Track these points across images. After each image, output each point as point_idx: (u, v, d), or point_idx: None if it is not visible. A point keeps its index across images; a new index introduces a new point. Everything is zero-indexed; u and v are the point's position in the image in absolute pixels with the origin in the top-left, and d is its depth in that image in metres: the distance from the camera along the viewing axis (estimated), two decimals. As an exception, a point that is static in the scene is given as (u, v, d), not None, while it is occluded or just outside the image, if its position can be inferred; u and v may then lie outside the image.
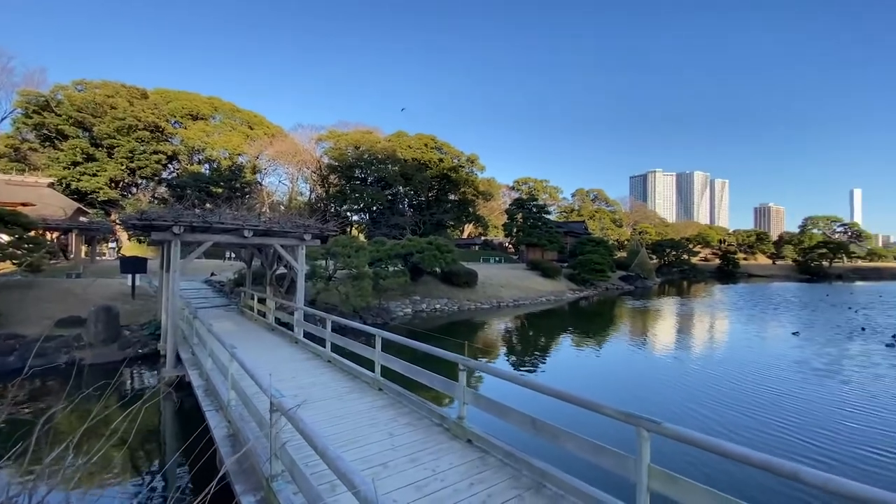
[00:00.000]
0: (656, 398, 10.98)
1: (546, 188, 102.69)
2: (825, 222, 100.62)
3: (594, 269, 44.64)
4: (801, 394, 11.27)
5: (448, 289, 30.30)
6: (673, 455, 7.24)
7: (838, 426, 9.00)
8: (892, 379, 12.53)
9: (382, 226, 54.84)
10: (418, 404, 6.52)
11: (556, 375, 13.70)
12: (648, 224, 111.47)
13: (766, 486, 6.33)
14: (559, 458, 4.91)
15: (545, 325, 24.63)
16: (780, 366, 14.33)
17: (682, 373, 13.56)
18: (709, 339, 20.54)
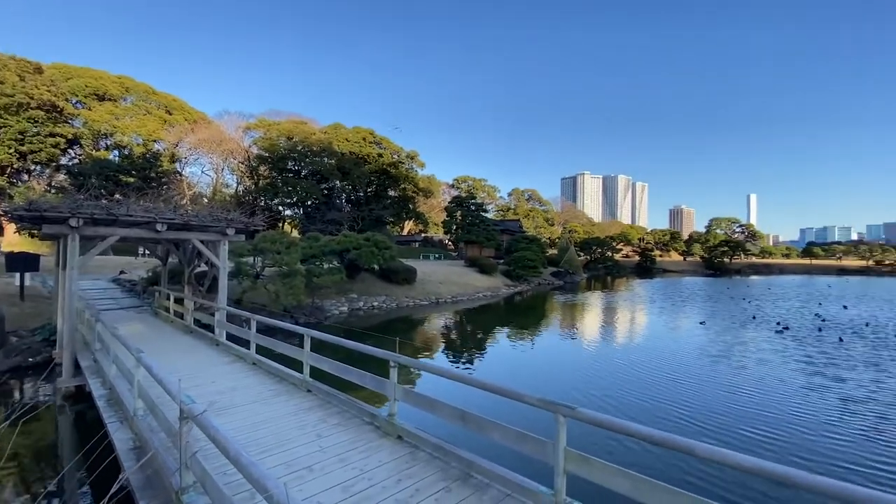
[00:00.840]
0: (580, 385, 11.67)
1: (484, 187, 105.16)
2: (727, 223, 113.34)
3: (528, 266, 46.50)
4: (702, 378, 12.55)
5: (386, 286, 29.97)
6: (596, 437, 7.76)
7: (729, 406, 10.14)
8: (775, 364, 14.33)
9: (318, 221, 52.87)
10: (348, 404, 6.38)
11: (489, 368, 14.10)
12: (577, 223, 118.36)
13: (669, 462, 6.98)
14: (486, 448, 5.06)
15: (481, 320, 25.23)
16: (687, 353, 15.89)
17: (603, 361, 14.55)
18: (627, 330, 22.21)
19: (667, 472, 6.71)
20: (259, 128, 58.59)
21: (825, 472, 6.94)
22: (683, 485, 6.17)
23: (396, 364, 5.45)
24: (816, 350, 15.89)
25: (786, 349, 16.32)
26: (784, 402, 10.26)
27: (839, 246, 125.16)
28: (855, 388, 11.17)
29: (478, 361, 15.03)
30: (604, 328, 22.31)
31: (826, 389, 11.10)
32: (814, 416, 9.27)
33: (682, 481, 6.39)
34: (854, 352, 15.68)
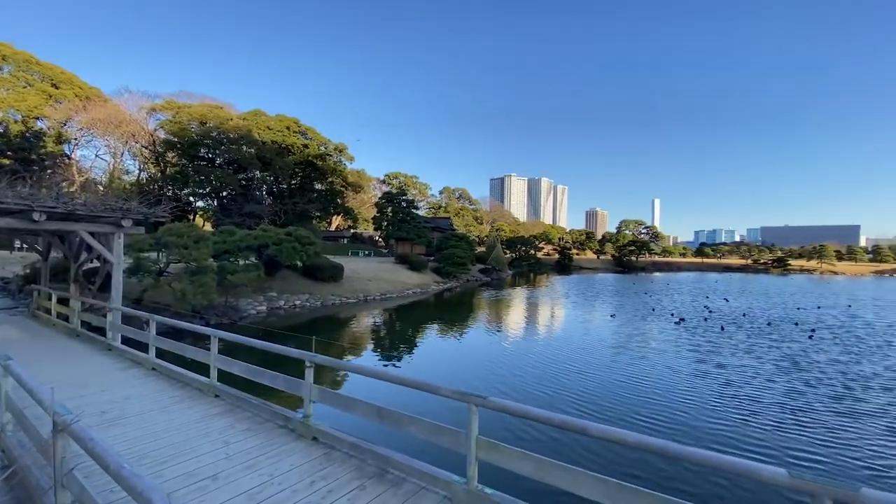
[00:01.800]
0: (498, 377, 12.15)
1: (416, 184, 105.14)
2: (634, 225, 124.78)
3: (457, 263, 47.42)
4: (608, 367, 13.69)
5: (310, 284, 28.79)
6: (510, 425, 8.15)
7: (628, 393, 11.19)
8: (670, 353, 16.07)
9: (234, 214, 49.17)
10: (260, 408, 6.06)
11: (414, 364, 14.16)
12: (504, 222, 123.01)
13: (572, 443, 7.56)
14: (405, 443, 5.10)
15: (410, 317, 25.25)
16: (598, 344, 17.30)
17: (522, 354, 15.28)
18: (547, 323, 23.58)
19: (567, 452, 7.27)
20: (167, 110, 52.86)
21: (703, 447, 7.97)
22: (582, 462, 6.79)
23: (312, 364, 5.29)
24: (704, 339, 18.08)
25: (679, 338, 18.40)
26: (674, 387, 11.50)
27: (725, 246, 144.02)
28: (732, 373, 12.83)
29: (404, 358, 15.04)
30: (525, 322, 23.44)
31: (709, 375, 12.56)
32: (698, 399, 10.51)
33: (580, 459, 6.97)
34: (733, 340, 18.07)
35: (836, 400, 10.29)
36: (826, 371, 12.90)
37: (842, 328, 21.21)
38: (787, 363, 13.81)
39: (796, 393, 10.80)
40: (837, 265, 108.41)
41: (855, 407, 9.77)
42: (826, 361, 14.05)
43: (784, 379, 12.03)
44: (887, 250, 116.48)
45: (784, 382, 11.69)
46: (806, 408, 9.66)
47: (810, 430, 8.44)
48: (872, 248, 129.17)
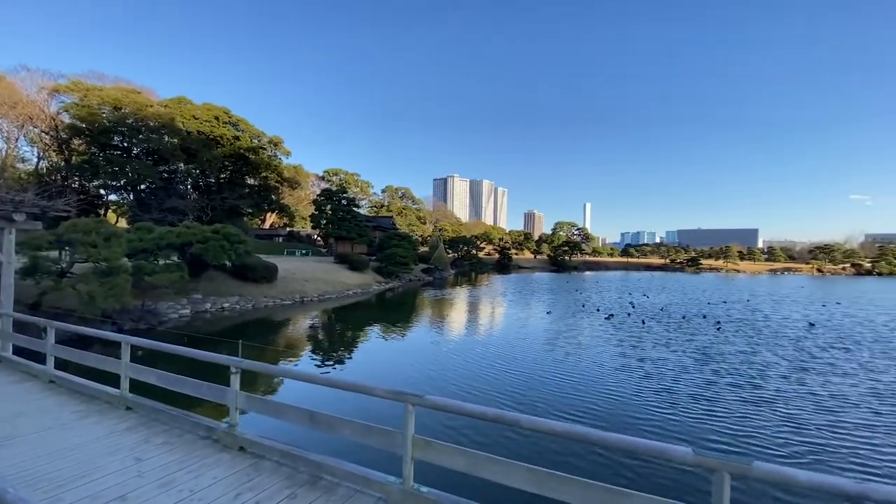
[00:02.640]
0: (437, 375, 12.27)
1: (357, 182, 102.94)
2: (568, 227, 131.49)
3: (399, 263, 47.10)
4: (544, 362, 14.35)
5: (241, 285, 27.14)
6: (449, 423, 8.25)
7: (560, 383, 11.82)
8: (598, 346, 17.20)
9: (154, 209, 45.03)
10: (180, 419, 5.60)
11: (352, 366, 13.86)
12: (447, 222, 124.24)
13: (510, 437, 7.83)
14: (340, 447, 4.97)
15: (350, 318, 24.68)
16: (535, 340, 18.02)
17: (462, 352, 15.54)
18: (487, 321, 24.15)
19: (504, 445, 7.52)
20: (73, 91, 47.05)
21: (625, 433, 8.57)
22: (516, 454, 7.05)
23: (238, 369, 4.98)
24: (627, 334, 19.47)
25: (608, 332, 19.70)
26: (602, 379, 12.26)
27: (647, 247, 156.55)
28: (651, 365, 13.91)
29: (342, 360, 14.66)
30: (466, 321, 23.83)
31: (632, 368, 13.52)
32: (622, 390, 11.30)
33: (516, 451, 7.25)
34: (653, 333, 19.65)
35: (739, 388, 11.54)
36: (730, 361, 14.41)
37: (743, 321, 23.84)
38: (698, 354, 15.24)
39: (705, 382, 11.96)
40: (740, 264, 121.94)
41: (754, 393, 11.02)
42: (732, 352, 15.64)
43: (696, 369, 13.27)
44: (779, 251, 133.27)
45: (696, 372, 12.89)
46: (714, 396, 10.71)
47: (717, 414, 9.38)
48: (767, 249, 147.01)
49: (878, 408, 9.85)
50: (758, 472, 2.34)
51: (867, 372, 12.91)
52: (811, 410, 9.58)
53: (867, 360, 14.64)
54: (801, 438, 8.12)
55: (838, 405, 9.98)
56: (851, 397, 10.60)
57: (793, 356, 14.97)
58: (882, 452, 7.63)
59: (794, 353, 15.63)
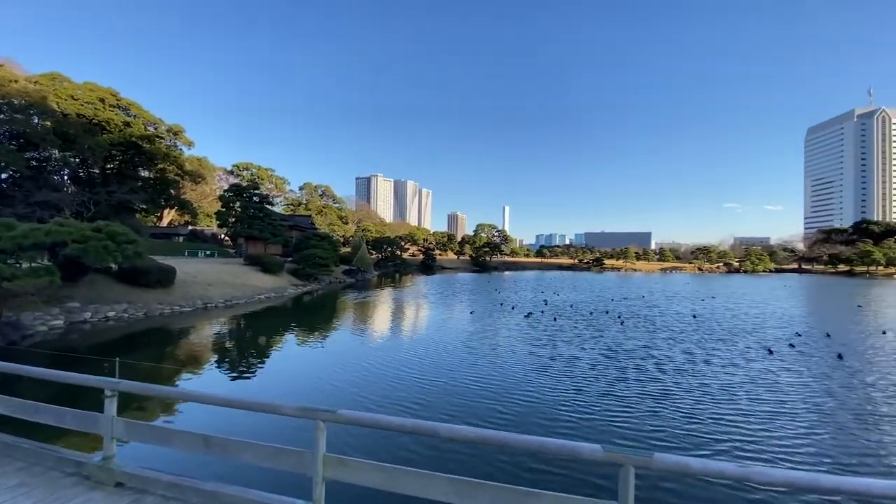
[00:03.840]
0: (359, 385, 11.80)
1: (272, 177, 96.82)
2: (488, 228, 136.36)
3: (318, 264, 45.04)
4: (466, 364, 14.52)
5: (130, 290, 23.91)
6: (365, 439, 7.89)
7: (481, 386, 12.04)
8: (518, 345, 17.86)
9: (19, 203, 38.04)
10: (39, 454, 4.63)
11: (261, 381, 12.77)
12: (370, 222, 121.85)
13: (430, 448, 7.71)
14: (241, 473, 4.44)
15: (261, 325, 22.92)
16: (457, 340, 18.19)
17: (384, 357, 15.13)
18: (411, 324, 23.90)
19: (423, 457, 7.37)
20: None
21: (538, 432, 8.89)
22: (437, 465, 6.96)
23: (115, 392, 4.24)
24: (541, 332, 20.48)
25: (524, 330, 20.56)
26: (517, 381, 12.62)
27: (558, 248, 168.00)
28: (561, 363, 14.72)
29: (249, 374, 13.44)
30: (389, 324, 23.38)
31: (544, 368, 14.07)
32: (537, 391, 11.75)
33: (435, 463, 7.13)
34: (563, 331, 20.84)
35: (642, 382, 12.62)
36: (634, 356, 15.72)
37: (641, 316, 26.41)
38: (605, 350, 16.38)
39: (612, 378, 12.89)
40: (636, 264, 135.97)
41: (655, 387, 12.12)
42: (634, 348, 16.96)
43: (603, 365, 14.21)
44: (668, 252, 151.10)
45: (603, 368, 13.81)
46: (621, 393, 11.55)
47: (624, 410, 10.06)
48: (659, 250, 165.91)
49: (760, 395, 11.35)
50: (658, 463, 2.51)
51: (747, 362, 14.78)
52: (705, 402, 10.62)
53: (744, 349, 16.89)
54: (697, 428, 9.02)
55: (725, 395, 11.25)
56: (735, 387, 12.10)
57: (684, 349, 16.72)
58: (760, 437, 8.79)
59: (686, 345, 17.49)
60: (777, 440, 8.40)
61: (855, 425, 9.23)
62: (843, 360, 14.94)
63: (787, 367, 14.02)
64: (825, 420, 9.54)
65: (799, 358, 15.43)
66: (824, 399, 10.94)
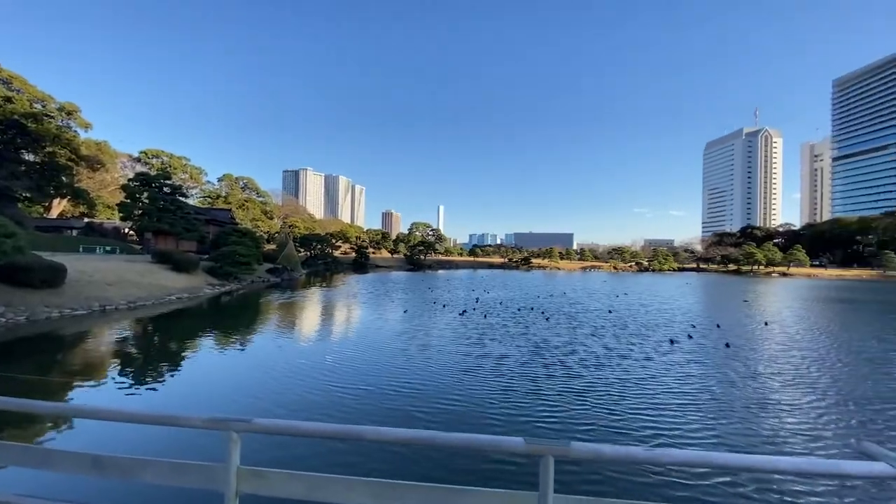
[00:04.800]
0: (281, 391, 11.25)
1: (186, 167, 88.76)
2: (423, 227, 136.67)
3: (239, 262, 42.14)
4: (392, 366, 14.40)
5: (9, 291, 20.59)
6: (290, 449, 7.52)
7: (413, 386, 12.03)
8: (445, 348, 18.08)
9: None
10: None
11: (169, 391, 11.65)
12: (299, 218, 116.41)
13: (356, 453, 7.55)
14: (151, 495, 4.00)
15: (170, 330, 20.90)
16: (390, 340, 17.98)
17: (312, 361, 14.57)
18: (342, 324, 23.16)
19: (349, 463, 7.21)
20: None
21: (468, 431, 9.09)
22: (365, 472, 6.83)
23: None
24: (471, 330, 20.93)
25: (451, 328, 20.90)
26: (448, 382, 12.74)
27: (490, 248, 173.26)
28: (491, 361, 15.17)
29: (155, 384, 12.20)
30: (316, 326, 22.48)
31: (474, 368, 14.36)
32: (468, 389, 12.01)
33: (363, 468, 7.01)
34: (493, 328, 21.50)
35: (566, 377, 13.39)
36: (558, 351, 16.60)
37: (564, 313, 28.06)
38: (532, 346, 17.10)
39: (538, 375, 13.50)
40: (560, 263, 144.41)
41: (579, 381, 12.91)
42: (559, 344, 17.78)
43: (530, 361, 14.81)
44: (588, 252, 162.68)
45: (531, 365, 14.37)
46: (548, 389, 12.16)
47: (551, 405, 10.55)
48: (580, 250, 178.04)
49: (665, 382, 12.55)
50: (575, 451, 2.62)
51: (657, 353, 16.22)
52: (621, 393, 11.50)
53: (654, 342, 18.56)
54: (617, 418, 9.73)
55: (636, 384, 12.29)
56: (646, 377, 13.26)
57: (603, 343, 17.93)
58: (667, 421, 9.72)
59: (604, 340, 18.81)
60: (681, 423, 9.39)
61: (739, 405, 10.59)
62: (729, 349, 17.10)
63: (686, 356, 15.73)
64: (715, 402, 10.85)
65: (695, 347, 17.39)
66: (714, 383, 12.43)
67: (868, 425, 9.44)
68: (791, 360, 15.58)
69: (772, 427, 9.28)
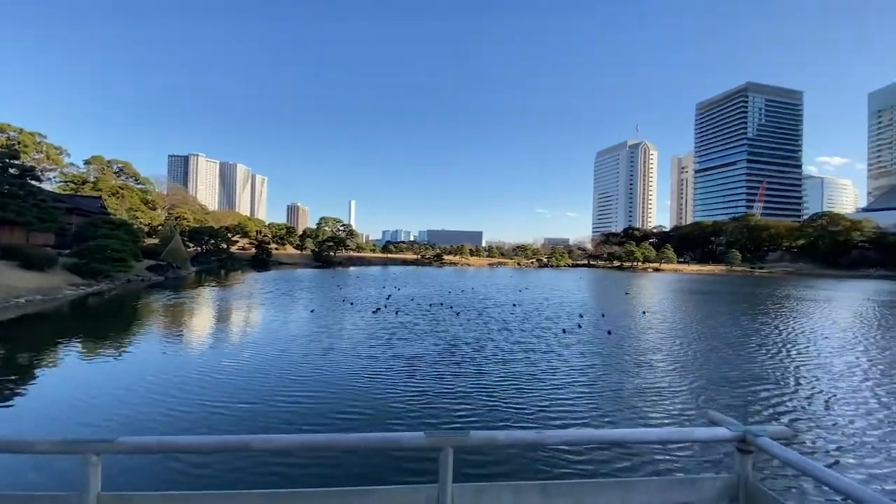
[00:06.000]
0: (156, 409, 9.98)
1: (41, 145, 74.47)
2: (333, 222, 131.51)
3: (111, 258, 36.52)
4: (295, 373, 13.60)
5: None
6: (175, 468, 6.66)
7: (311, 402, 11.49)
8: (352, 349, 17.56)
9: None
10: None
11: (10, 414, 9.63)
12: (188, 209, 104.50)
13: (246, 464, 6.97)
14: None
15: (14, 340, 17.25)
16: (294, 343, 16.90)
17: (193, 372, 13.06)
18: (234, 328, 21.13)
19: (235, 477, 6.63)
20: None
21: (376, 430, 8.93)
22: (255, 484, 6.31)
23: None
24: (379, 329, 20.59)
25: (358, 327, 20.42)
26: (356, 386, 12.33)
27: (403, 244, 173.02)
28: (402, 363, 15.02)
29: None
30: (205, 331, 20.17)
31: (383, 370, 14.15)
32: (378, 393, 11.75)
33: (254, 480, 6.46)
34: (404, 326, 21.37)
35: (474, 373, 13.79)
36: (468, 346, 17.02)
37: (473, 308, 29.03)
38: (442, 343, 17.25)
39: (450, 371, 13.69)
40: (470, 259, 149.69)
41: (486, 377, 13.38)
42: (469, 340, 17.98)
43: (439, 359, 14.81)
44: (496, 249, 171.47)
45: (440, 363, 14.42)
46: (459, 386, 12.35)
47: (462, 403, 10.63)
48: (488, 247, 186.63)
49: (559, 368, 13.57)
50: (473, 440, 2.69)
51: (553, 345, 17.39)
52: (525, 383, 12.14)
53: (553, 333, 20.02)
54: (519, 408, 10.24)
55: (540, 376, 13.01)
56: (546, 367, 14.22)
57: (507, 337, 18.73)
58: (561, 406, 10.50)
59: (508, 334, 19.67)
60: (571, 406, 10.27)
61: (618, 386, 11.90)
62: (611, 335, 19.22)
63: (576, 344, 17.32)
64: (599, 384, 12.07)
65: (582, 335, 19.27)
66: (597, 367, 13.86)
67: (718, 398, 11.25)
68: (662, 344, 17.99)
69: (645, 404, 10.60)
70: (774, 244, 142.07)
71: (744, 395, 11.51)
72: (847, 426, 9.41)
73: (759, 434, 2.74)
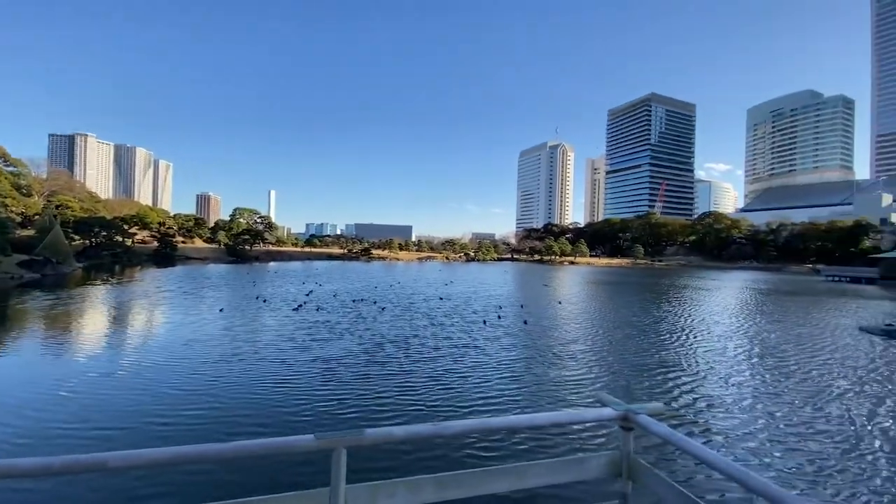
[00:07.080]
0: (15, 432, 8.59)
1: None
2: (249, 214, 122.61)
3: (-34, 253, 30.61)
4: (194, 379, 12.45)
5: None
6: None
7: (216, 417, 10.63)
8: (266, 351, 16.56)
9: None
10: None
11: None
12: (73, 197, 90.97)
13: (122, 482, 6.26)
14: None
15: None
16: (196, 345, 15.46)
17: (63, 387, 11.48)
18: (123, 333, 18.71)
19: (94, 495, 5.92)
20: None
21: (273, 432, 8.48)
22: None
23: None
24: (297, 328, 19.65)
25: (272, 328, 19.32)
26: (267, 394, 11.61)
27: (329, 238, 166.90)
28: (319, 365, 14.47)
29: None
30: (85, 336, 17.58)
31: (300, 374, 13.49)
32: (288, 394, 11.17)
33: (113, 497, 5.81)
34: (325, 324, 20.51)
35: (398, 373, 13.62)
36: (390, 346, 16.76)
37: (398, 303, 28.82)
38: (365, 341, 16.78)
39: (373, 372, 13.36)
40: (399, 254, 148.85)
41: (408, 375, 13.27)
42: (394, 338, 17.55)
43: (360, 358, 14.34)
44: (425, 244, 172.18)
45: (361, 364, 13.97)
46: (384, 389, 12.12)
47: (386, 406, 10.49)
48: (418, 241, 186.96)
49: (480, 359, 13.91)
50: (368, 438, 2.58)
51: (475, 337, 17.93)
52: (444, 377, 12.29)
53: (480, 325, 20.53)
54: (439, 402, 10.34)
55: (470, 370, 13.20)
56: (468, 359, 14.49)
57: (433, 332, 18.74)
58: (474, 395, 10.72)
59: (433, 328, 19.76)
60: (484, 395, 10.59)
61: (532, 371, 12.55)
62: (527, 325, 20.28)
63: (495, 335, 18.06)
64: (509, 373, 12.64)
65: (501, 325, 20.13)
66: (511, 356, 14.53)
67: (615, 381, 12.34)
68: (572, 331, 19.35)
69: (549, 388, 11.33)
70: (671, 240, 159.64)
71: (641, 378, 12.77)
72: (725, 401, 10.86)
73: (639, 412, 2.97)
